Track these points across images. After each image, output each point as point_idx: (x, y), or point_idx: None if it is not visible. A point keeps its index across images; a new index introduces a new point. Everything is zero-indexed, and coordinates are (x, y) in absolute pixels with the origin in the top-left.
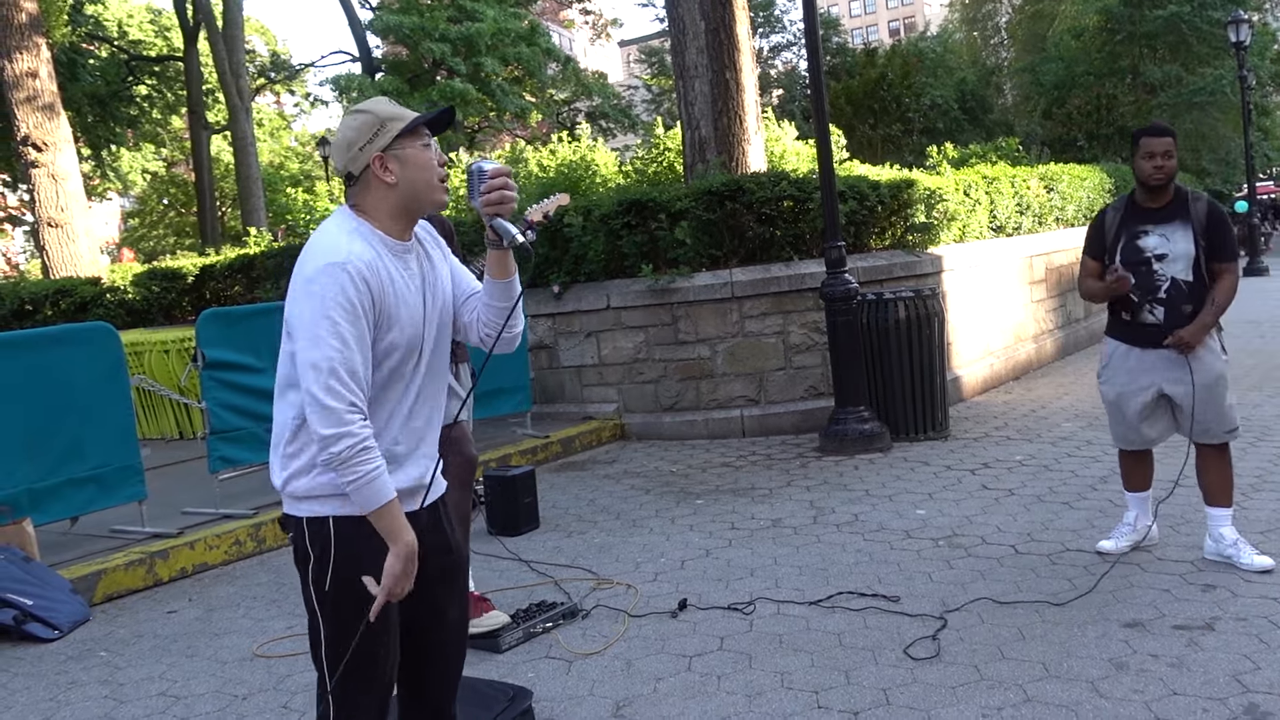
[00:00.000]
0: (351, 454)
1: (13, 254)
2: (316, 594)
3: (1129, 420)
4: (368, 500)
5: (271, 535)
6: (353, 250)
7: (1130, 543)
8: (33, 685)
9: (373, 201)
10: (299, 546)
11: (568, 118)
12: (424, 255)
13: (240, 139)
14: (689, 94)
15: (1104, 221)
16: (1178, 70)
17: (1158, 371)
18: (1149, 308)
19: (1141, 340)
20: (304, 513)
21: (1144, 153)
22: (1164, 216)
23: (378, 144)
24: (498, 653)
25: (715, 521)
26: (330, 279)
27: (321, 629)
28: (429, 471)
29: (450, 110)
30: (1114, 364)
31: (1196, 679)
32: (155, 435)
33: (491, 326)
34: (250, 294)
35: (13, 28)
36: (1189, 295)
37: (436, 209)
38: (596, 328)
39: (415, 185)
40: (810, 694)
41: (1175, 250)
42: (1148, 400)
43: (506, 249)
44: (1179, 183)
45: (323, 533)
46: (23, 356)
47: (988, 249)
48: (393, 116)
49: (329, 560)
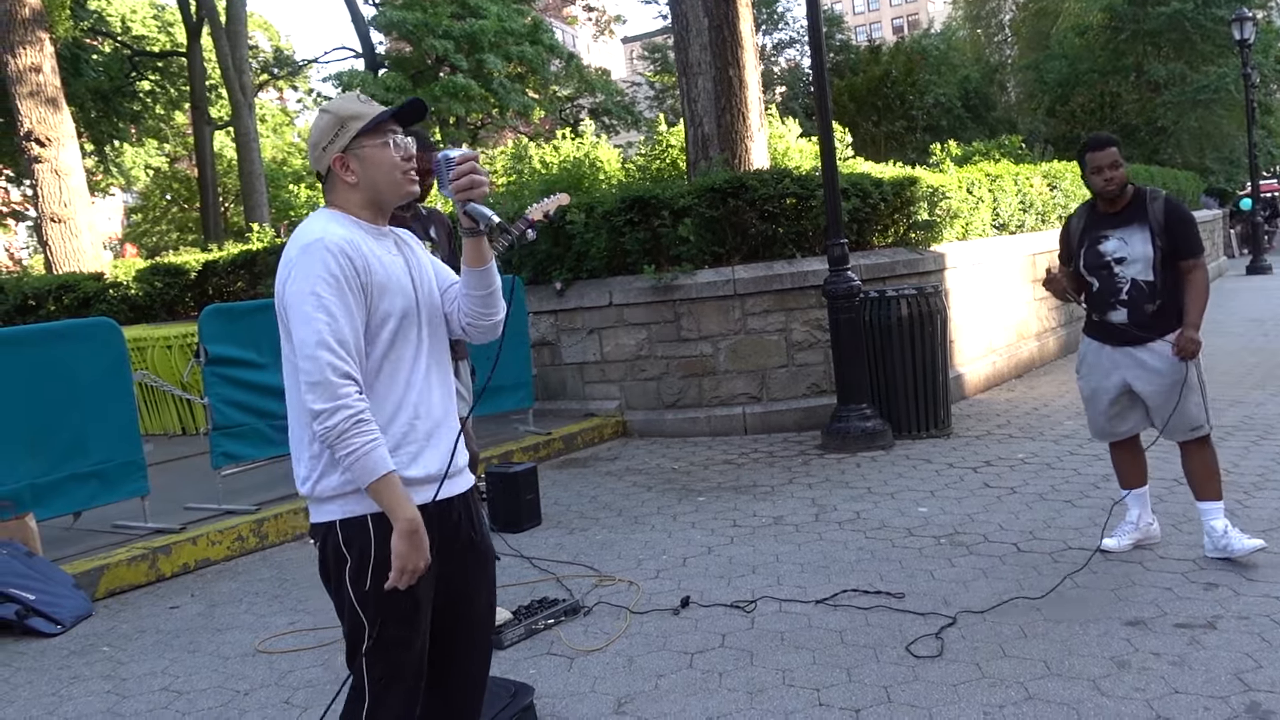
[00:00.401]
0: (347, 425)
1: (16, 249)
2: (357, 595)
3: (1101, 413)
4: (365, 472)
5: (274, 531)
6: (328, 230)
7: (1132, 540)
8: (35, 680)
9: (342, 198)
10: (333, 551)
11: (571, 114)
12: (403, 242)
13: (243, 135)
14: (692, 91)
15: (1069, 228)
16: (1181, 68)
17: (1124, 368)
18: (1113, 308)
19: (1108, 338)
20: (336, 515)
21: (1091, 168)
22: (1121, 221)
23: (338, 144)
24: (499, 649)
25: (717, 519)
26: (309, 258)
27: (365, 630)
28: (444, 460)
29: (417, 101)
30: (1088, 361)
31: (1198, 677)
32: (158, 431)
33: (471, 315)
34: (253, 290)
35: (16, 22)
36: (1150, 295)
37: (406, 200)
38: (599, 324)
39: (376, 183)
40: (811, 691)
41: (1133, 253)
42: (1115, 395)
43: (484, 233)
44: (1140, 184)
45: (360, 533)
46: (26, 352)
47: (990, 247)
48: (353, 115)
49: (369, 560)
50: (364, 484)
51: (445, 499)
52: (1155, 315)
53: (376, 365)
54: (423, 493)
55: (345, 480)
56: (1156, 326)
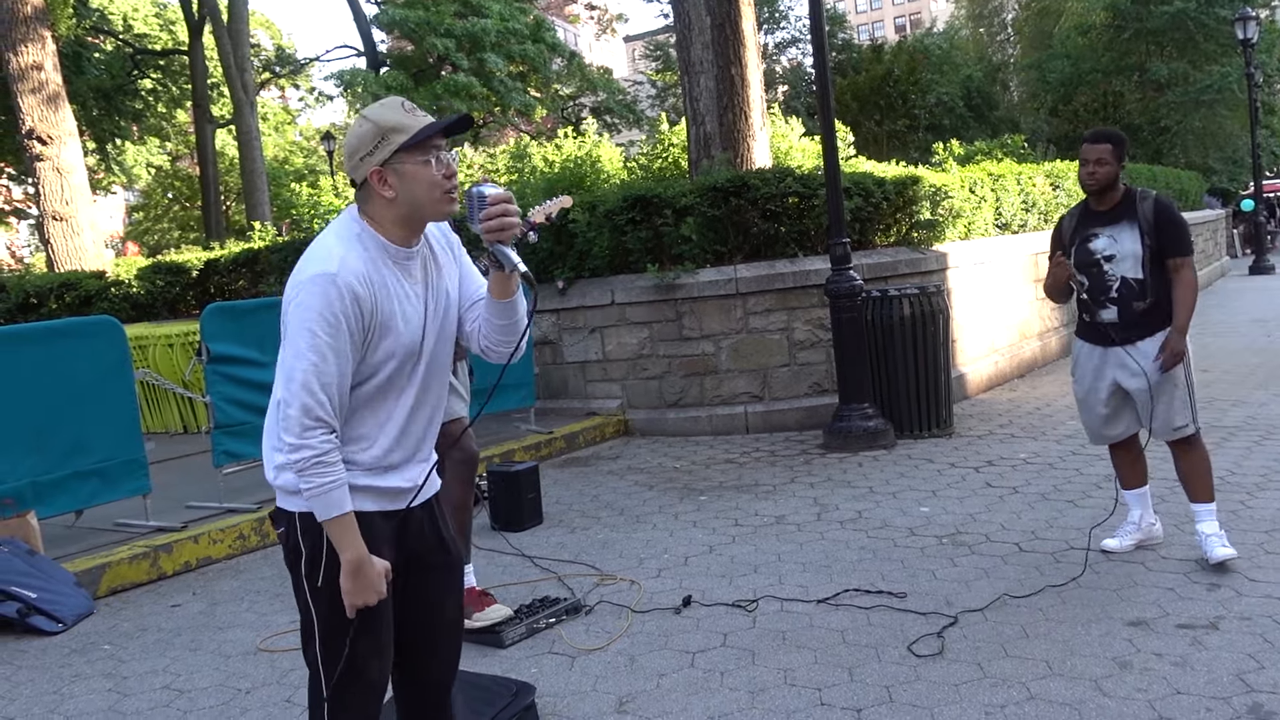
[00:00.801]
0: (307, 465)
1: (17, 247)
2: (310, 590)
3: (1094, 415)
4: (321, 510)
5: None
6: (345, 261)
7: (1134, 541)
8: (37, 678)
9: (376, 210)
10: (290, 541)
11: (572, 113)
12: (431, 259)
13: (245, 133)
14: (694, 90)
15: (1061, 227)
16: (1184, 67)
17: (1114, 368)
18: (1103, 306)
19: (1099, 339)
20: (295, 507)
21: (1081, 159)
22: (1111, 218)
23: (377, 157)
24: (501, 648)
25: (719, 518)
26: (317, 290)
27: (315, 625)
28: (423, 474)
29: (467, 117)
30: (1080, 362)
31: (1200, 678)
32: (159, 429)
33: (493, 341)
34: (254, 288)
35: (18, 20)
36: (1139, 293)
37: (442, 220)
38: (601, 323)
39: (416, 201)
40: (813, 691)
41: (1122, 250)
42: (1106, 397)
43: (509, 275)
44: (1131, 185)
45: (314, 528)
46: (28, 350)
47: (993, 246)
48: (395, 128)
49: (321, 556)
50: (320, 518)
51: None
52: (1144, 314)
53: (370, 391)
54: (384, 502)
55: None
56: (1146, 325)
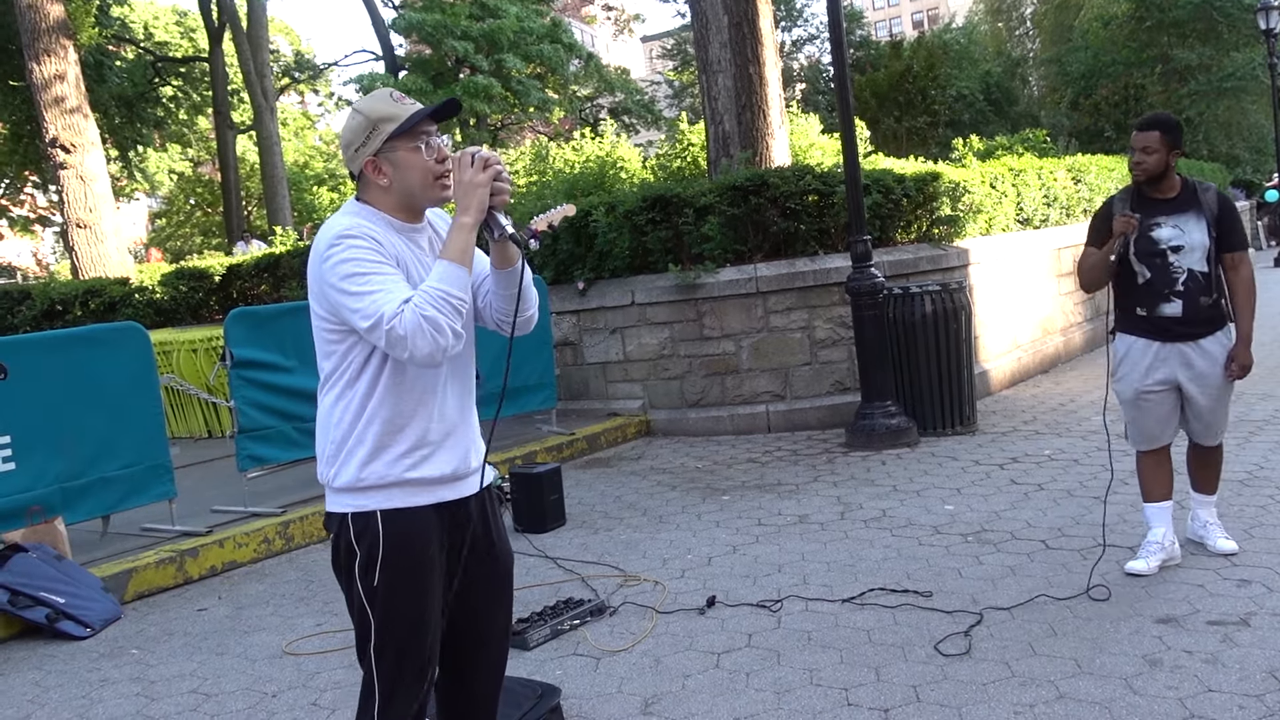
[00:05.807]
0: (444, 308)
1: (42, 255)
2: (365, 590)
3: (1148, 416)
4: (460, 254)
5: (300, 533)
6: (357, 223)
7: (1160, 561)
8: (65, 683)
9: (374, 198)
10: (343, 543)
11: (590, 114)
12: (437, 239)
13: (265, 139)
14: (712, 89)
15: (1111, 212)
16: (1209, 52)
17: (1174, 365)
18: (1166, 300)
19: (1159, 334)
20: (348, 507)
21: (1131, 146)
22: (1176, 207)
23: (370, 147)
24: (526, 650)
25: (742, 518)
26: (340, 248)
27: (372, 625)
28: (467, 457)
29: (454, 101)
30: (1130, 360)
31: (1232, 675)
32: (184, 434)
33: (502, 312)
34: (276, 293)
35: (41, 31)
36: (1205, 287)
37: (439, 205)
38: (621, 324)
39: (409, 187)
40: (840, 691)
41: (1191, 241)
42: (1162, 395)
43: (499, 241)
44: (1183, 174)
45: (370, 528)
46: (54, 357)
47: (1015, 242)
48: (385, 117)
49: (377, 555)
50: (464, 245)
51: (456, 500)
52: (1211, 309)
53: (393, 367)
54: (434, 493)
55: (360, 475)
56: (1210, 321)
